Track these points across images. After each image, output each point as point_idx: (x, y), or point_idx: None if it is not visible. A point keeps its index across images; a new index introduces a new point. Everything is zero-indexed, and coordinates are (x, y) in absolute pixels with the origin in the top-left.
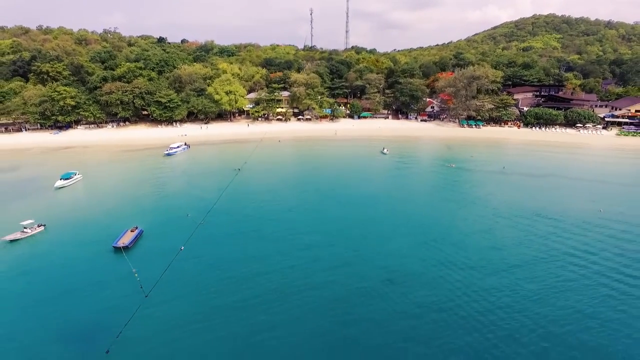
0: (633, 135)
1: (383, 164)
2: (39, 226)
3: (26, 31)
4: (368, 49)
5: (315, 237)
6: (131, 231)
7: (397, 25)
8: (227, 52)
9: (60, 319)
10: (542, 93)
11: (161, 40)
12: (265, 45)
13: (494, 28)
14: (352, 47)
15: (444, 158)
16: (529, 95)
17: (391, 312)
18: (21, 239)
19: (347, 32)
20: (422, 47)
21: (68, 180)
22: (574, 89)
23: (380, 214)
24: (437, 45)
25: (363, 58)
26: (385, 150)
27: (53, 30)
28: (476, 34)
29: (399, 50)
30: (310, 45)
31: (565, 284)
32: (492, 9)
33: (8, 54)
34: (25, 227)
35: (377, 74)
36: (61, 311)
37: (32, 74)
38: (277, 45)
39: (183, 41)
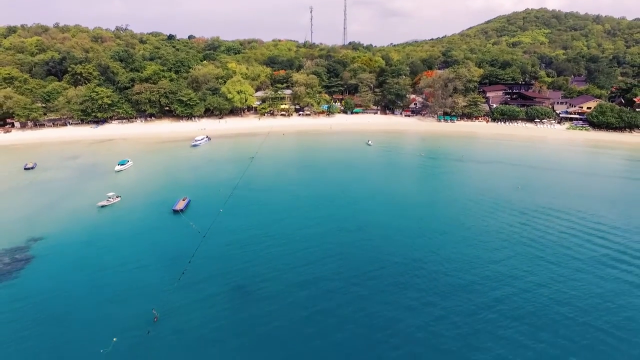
0: (580, 129)
1: (367, 153)
2: (117, 197)
3: (45, 29)
4: (365, 44)
5: (311, 201)
6: (183, 200)
7: (399, 13)
8: (233, 50)
9: (151, 250)
10: (514, 91)
11: (171, 37)
12: (268, 41)
13: (487, 22)
14: (350, 43)
15: (417, 148)
16: (500, 93)
17: (355, 238)
18: (107, 205)
19: (344, 28)
20: (416, 42)
21: (124, 166)
22: (540, 87)
23: (359, 187)
24: (432, 39)
25: (358, 57)
26: (369, 142)
27: (70, 28)
28: (470, 28)
29: (394, 45)
30: (310, 42)
31: (470, 222)
32: None
33: (37, 53)
34: (109, 197)
35: (370, 73)
36: (150, 245)
37: (67, 75)
38: (279, 41)
39: (190, 37)
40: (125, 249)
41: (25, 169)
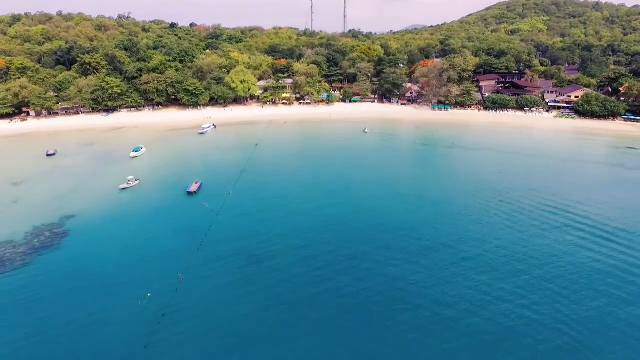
0: (566, 117)
1: (363, 140)
2: (135, 180)
3: (49, 17)
4: (364, 32)
5: (310, 182)
6: (195, 183)
7: None
8: (235, 39)
9: (171, 226)
10: (507, 79)
11: (173, 25)
12: (268, 29)
13: (487, 9)
14: (350, 31)
15: (410, 135)
16: (493, 82)
17: (348, 212)
18: (127, 187)
19: (344, 16)
20: (415, 28)
21: (138, 152)
22: (532, 76)
23: (354, 171)
24: (431, 26)
25: (357, 45)
26: (366, 129)
27: (73, 16)
28: (469, 15)
29: (394, 32)
30: (310, 30)
31: (452, 199)
32: None
33: (43, 42)
34: (128, 180)
35: (368, 62)
36: (170, 221)
37: (75, 64)
38: (280, 29)
39: (192, 24)
40: (148, 224)
41: (47, 155)
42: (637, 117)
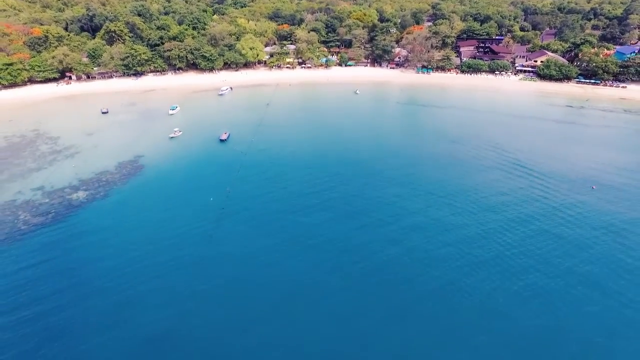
0: (529, 80)
1: (355, 100)
2: (179, 131)
3: None
4: None
5: (312, 130)
6: (225, 133)
7: None
8: (240, 3)
9: (213, 162)
10: (486, 45)
11: None
12: None
13: None
14: None
15: (395, 96)
16: (472, 48)
17: (338, 149)
18: (174, 136)
19: None
20: None
21: (174, 110)
22: (508, 42)
23: (345, 122)
24: None
25: (354, 11)
26: (357, 91)
27: None
28: None
29: None
30: None
31: (415, 146)
32: None
33: (63, 8)
34: (175, 131)
35: (363, 28)
36: (212, 159)
37: (100, 32)
38: None
39: None
40: (197, 161)
41: (102, 113)
42: (586, 80)
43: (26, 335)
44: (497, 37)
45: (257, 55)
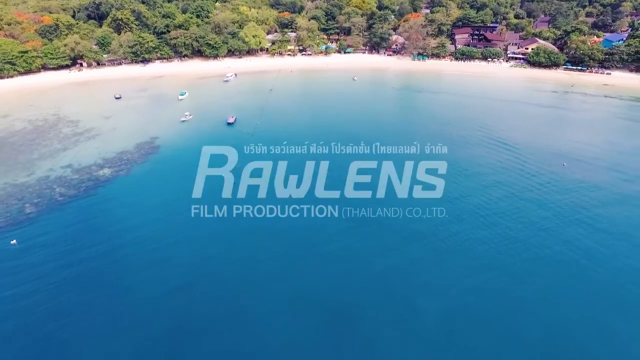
0: (520, 67)
1: (352, 86)
2: (190, 115)
3: None
4: None
5: (313, 114)
6: (231, 117)
7: None
8: None
9: (223, 141)
10: (480, 32)
11: None
12: None
13: None
14: None
15: (391, 82)
16: (466, 35)
17: (335, 130)
18: (185, 120)
19: None
20: None
21: (183, 96)
22: (502, 30)
23: (343, 106)
24: None
25: None
26: (355, 77)
27: None
28: None
29: None
30: None
31: (407, 127)
32: None
33: None
34: (186, 115)
35: (362, 16)
36: (222, 140)
37: (107, 19)
38: None
39: None
40: (207, 142)
41: (116, 98)
42: (573, 67)
43: (80, 274)
44: (491, 25)
45: (260, 43)
